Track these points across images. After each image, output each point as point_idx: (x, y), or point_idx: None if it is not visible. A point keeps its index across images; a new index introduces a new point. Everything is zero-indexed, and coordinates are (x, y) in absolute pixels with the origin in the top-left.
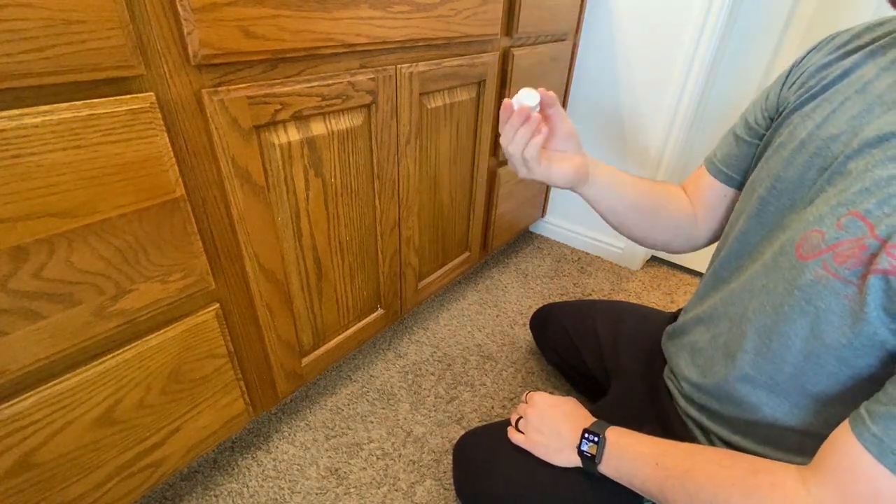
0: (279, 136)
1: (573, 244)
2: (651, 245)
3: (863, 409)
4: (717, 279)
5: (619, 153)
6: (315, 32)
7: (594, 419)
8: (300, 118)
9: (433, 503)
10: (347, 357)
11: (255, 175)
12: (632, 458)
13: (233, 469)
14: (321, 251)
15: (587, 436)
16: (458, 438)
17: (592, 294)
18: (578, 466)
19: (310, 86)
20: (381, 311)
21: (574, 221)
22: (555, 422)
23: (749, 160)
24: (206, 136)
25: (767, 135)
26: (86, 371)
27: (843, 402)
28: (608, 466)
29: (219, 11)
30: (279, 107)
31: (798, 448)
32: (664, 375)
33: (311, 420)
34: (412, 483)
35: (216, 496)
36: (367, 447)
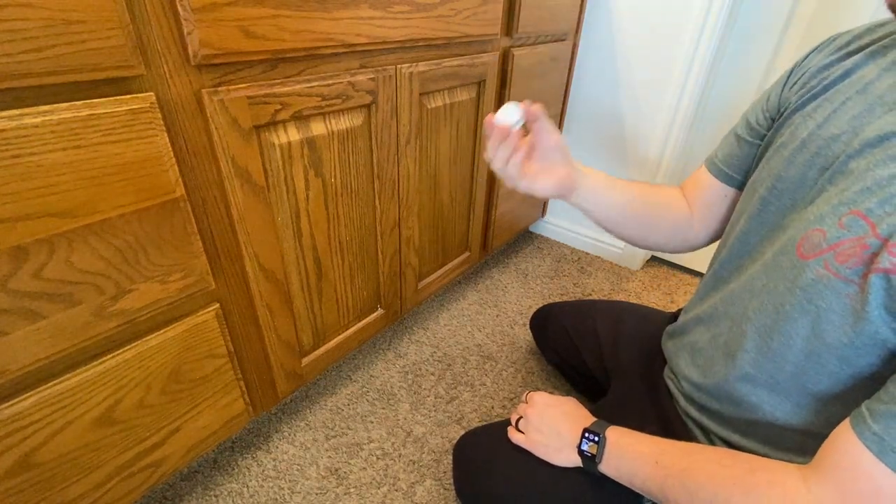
0: (279, 136)
1: (573, 244)
2: (648, 247)
3: (864, 408)
4: (718, 279)
5: (619, 153)
6: (315, 32)
7: (594, 419)
8: (300, 118)
9: (433, 503)
10: (347, 357)
11: (255, 175)
12: (632, 458)
13: (233, 469)
14: (321, 251)
15: (587, 435)
16: (458, 438)
17: (592, 294)
18: (578, 466)
19: (310, 86)
20: (381, 311)
21: (574, 221)
22: (555, 421)
23: (750, 160)
24: (206, 136)
25: (769, 135)
26: (86, 371)
27: (844, 402)
28: (608, 466)
29: (219, 11)
30: (279, 107)
31: (799, 448)
32: (664, 375)
33: (311, 420)
34: (412, 483)
35: (216, 496)
36: (367, 447)
